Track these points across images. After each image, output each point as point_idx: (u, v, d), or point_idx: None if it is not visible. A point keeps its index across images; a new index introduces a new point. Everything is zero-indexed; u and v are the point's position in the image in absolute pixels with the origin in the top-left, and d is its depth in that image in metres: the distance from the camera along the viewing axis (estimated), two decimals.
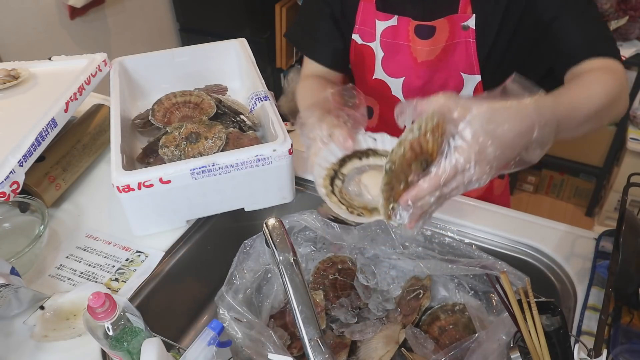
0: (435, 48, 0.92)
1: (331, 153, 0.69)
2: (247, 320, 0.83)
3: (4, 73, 1.13)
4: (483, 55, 0.93)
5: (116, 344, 0.70)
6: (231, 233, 1.07)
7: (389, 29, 0.94)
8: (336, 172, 0.69)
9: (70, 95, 1.04)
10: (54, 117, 0.99)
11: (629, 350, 0.74)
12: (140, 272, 0.92)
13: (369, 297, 0.97)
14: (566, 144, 2.46)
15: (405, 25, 0.93)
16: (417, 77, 0.96)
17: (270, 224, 0.70)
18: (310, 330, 0.61)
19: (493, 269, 0.87)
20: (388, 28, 0.95)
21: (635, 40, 2.17)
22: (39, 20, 2.09)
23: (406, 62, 0.96)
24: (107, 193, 1.08)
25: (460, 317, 0.92)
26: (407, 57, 0.95)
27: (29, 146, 0.93)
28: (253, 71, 1.13)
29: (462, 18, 0.90)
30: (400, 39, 0.94)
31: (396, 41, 0.95)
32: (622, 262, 0.76)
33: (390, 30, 0.95)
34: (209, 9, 2.66)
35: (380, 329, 0.92)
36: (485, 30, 0.90)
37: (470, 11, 0.90)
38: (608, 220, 2.46)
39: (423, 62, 0.94)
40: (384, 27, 0.95)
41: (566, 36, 0.85)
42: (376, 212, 0.66)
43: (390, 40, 0.95)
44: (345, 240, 0.96)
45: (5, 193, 0.87)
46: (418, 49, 0.93)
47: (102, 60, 1.14)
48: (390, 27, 0.94)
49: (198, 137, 1.00)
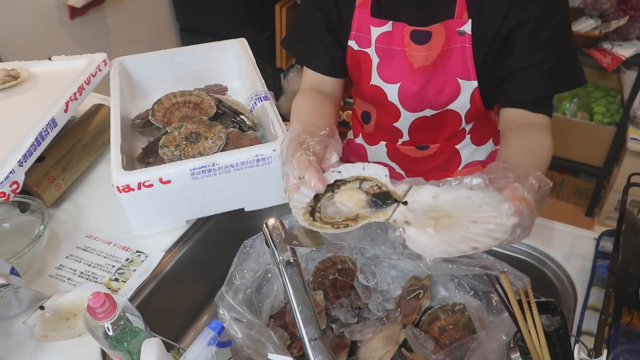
0: (431, 53, 0.92)
1: (303, 195, 0.71)
2: (247, 321, 0.83)
3: (4, 73, 1.14)
4: (480, 60, 0.92)
5: (116, 344, 0.70)
6: (231, 233, 1.07)
7: (384, 34, 0.94)
8: (313, 208, 0.71)
9: (70, 95, 1.04)
10: (53, 117, 0.99)
11: (629, 351, 0.74)
12: (140, 272, 0.92)
13: (369, 297, 0.97)
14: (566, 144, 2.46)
15: (400, 30, 0.93)
16: (413, 82, 0.96)
17: (270, 224, 0.70)
18: (310, 330, 0.61)
19: (493, 269, 0.87)
20: (383, 34, 0.94)
21: (635, 40, 2.17)
22: (39, 20, 2.09)
23: (402, 67, 0.95)
24: (107, 193, 1.08)
25: (461, 317, 0.92)
26: (403, 62, 0.95)
27: (29, 146, 0.93)
28: (253, 71, 1.13)
29: (458, 23, 0.90)
30: (395, 45, 0.94)
31: (391, 47, 0.94)
32: (622, 262, 0.76)
33: (385, 36, 0.94)
34: (209, 9, 2.66)
35: (380, 329, 0.92)
36: (482, 35, 0.90)
37: (466, 16, 0.89)
38: (608, 220, 2.46)
39: (419, 67, 0.94)
40: (378, 32, 0.94)
41: (523, 82, 0.90)
42: (360, 217, 0.67)
43: (385, 46, 0.95)
44: (346, 241, 0.96)
45: (5, 193, 0.87)
46: (414, 55, 0.93)
47: (102, 60, 1.14)
48: (385, 33, 0.94)
49: (198, 137, 1.00)
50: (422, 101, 0.98)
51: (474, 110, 1.00)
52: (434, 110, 0.99)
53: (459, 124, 1.03)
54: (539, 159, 0.81)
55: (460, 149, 1.11)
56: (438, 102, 0.98)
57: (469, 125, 1.06)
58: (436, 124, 1.04)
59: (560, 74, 0.90)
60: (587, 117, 2.43)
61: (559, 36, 0.88)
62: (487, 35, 0.90)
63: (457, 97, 0.97)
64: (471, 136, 1.09)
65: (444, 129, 1.05)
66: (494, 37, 0.90)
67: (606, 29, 2.13)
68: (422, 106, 0.99)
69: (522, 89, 0.91)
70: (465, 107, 0.99)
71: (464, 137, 1.09)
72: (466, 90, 0.96)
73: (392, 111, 1.02)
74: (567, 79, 0.91)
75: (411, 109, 1.00)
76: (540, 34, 0.87)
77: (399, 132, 1.07)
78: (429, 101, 0.98)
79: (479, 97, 0.97)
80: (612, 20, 2.14)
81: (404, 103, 1.00)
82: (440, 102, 0.98)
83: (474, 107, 0.99)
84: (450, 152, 1.11)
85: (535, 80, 0.89)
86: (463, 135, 1.09)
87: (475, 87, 0.95)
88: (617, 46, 2.16)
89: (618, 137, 2.32)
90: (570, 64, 0.91)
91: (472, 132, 1.09)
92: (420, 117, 1.01)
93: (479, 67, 0.93)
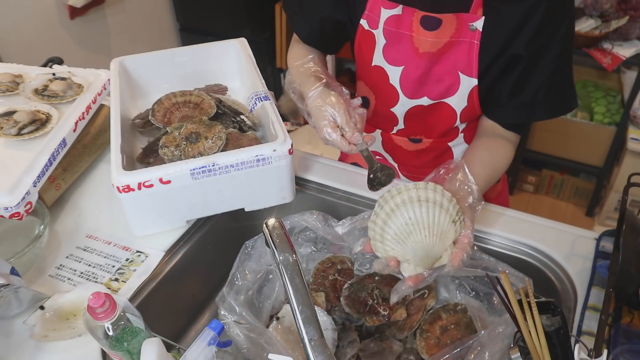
0: (438, 41, 0.93)
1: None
2: (247, 322, 0.83)
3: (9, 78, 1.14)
4: (484, 61, 0.93)
5: (116, 344, 0.70)
6: (231, 233, 1.07)
7: (393, 17, 0.95)
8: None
9: (78, 115, 1.06)
10: (64, 138, 1.01)
11: (630, 351, 0.74)
12: (140, 272, 0.92)
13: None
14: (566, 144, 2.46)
15: (410, 15, 0.94)
16: (416, 67, 0.97)
17: (270, 224, 0.70)
18: (310, 330, 0.61)
19: (494, 270, 0.87)
20: (392, 17, 0.95)
21: (635, 40, 2.17)
22: (39, 20, 2.09)
23: (407, 51, 0.96)
24: (107, 193, 1.08)
25: (462, 317, 0.92)
26: (409, 47, 0.96)
27: (42, 167, 0.95)
28: (253, 71, 1.13)
29: (471, 18, 0.90)
30: (403, 29, 0.95)
31: (399, 30, 0.96)
32: (623, 262, 0.76)
33: (393, 18, 0.95)
34: (209, 9, 2.66)
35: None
36: (492, 36, 0.91)
37: (480, 13, 0.90)
38: (608, 220, 2.46)
39: (424, 52, 0.95)
40: (388, 15, 0.95)
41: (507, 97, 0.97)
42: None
43: (393, 29, 0.96)
44: (346, 241, 0.96)
45: (19, 213, 0.89)
46: (421, 39, 0.94)
47: (107, 79, 1.15)
48: (394, 16, 0.95)
49: (198, 137, 1.00)
50: (422, 87, 0.99)
51: (470, 110, 1.01)
52: (431, 100, 1.00)
53: (454, 121, 1.04)
54: (494, 172, 0.97)
55: (453, 147, 1.12)
56: (436, 91, 0.99)
57: (462, 124, 1.07)
58: (431, 117, 1.04)
59: (551, 101, 0.96)
60: (587, 117, 2.43)
61: (558, 64, 0.93)
62: (497, 38, 0.90)
63: (455, 90, 0.98)
64: (464, 135, 1.10)
65: (438, 124, 1.06)
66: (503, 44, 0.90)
67: (606, 29, 2.14)
68: (420, 93, 1.00)
69: (503, 116, 1.00)
70: (462, 104, 1.00)
71: (457, 135, 1.10)
72: (465, 86, 0.96)
73: (390, 95, 1.03)
74: (557, 105, 0.97)
75: (410, 94, 1.01)
76: (539, 65, 0.92)
77: (394, 119, 1.08)
78: (428, 89, 0.99)
79: (476, 97, 0.98)
80: (612, 20, 2.14)
81: (404, 87, 1.00)
82: (439, 92, 0.99)
83: (470, 107, 1.00)
84: (442, 149, 1.12)
85: (520, 111, 0.97)
86: (456, 133, 1.09)
87: (475, 86, 0.96)
88: (617, 46, 2.16)
89: (618, 137, 2.32)
90: (564, 91, 0.96)
91: (466, 131, 1.09)
92: (417, 105, 1.02)
93: (482, 67, 0.94)
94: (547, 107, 0.96)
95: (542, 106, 0.95)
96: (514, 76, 0.94)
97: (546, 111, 0.96)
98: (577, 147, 2.46)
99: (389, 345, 0.92)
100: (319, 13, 1.04)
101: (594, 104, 2.45)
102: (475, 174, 0.88)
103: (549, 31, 0.88)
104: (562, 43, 0.90)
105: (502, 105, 0.98)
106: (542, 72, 0.92)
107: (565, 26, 0.89)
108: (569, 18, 0.89)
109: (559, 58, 0.92)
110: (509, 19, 0.89)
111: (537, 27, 0.88)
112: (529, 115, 0.97)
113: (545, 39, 0.89)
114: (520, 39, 0.90)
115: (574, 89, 0.97)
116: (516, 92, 0.95)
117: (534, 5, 0.87)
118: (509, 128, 1.00)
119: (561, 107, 0.97)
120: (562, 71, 0.94)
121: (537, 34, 0.88)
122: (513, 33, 0.90)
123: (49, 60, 1.26)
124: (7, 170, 0.92)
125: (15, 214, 0.88)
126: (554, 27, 0.88)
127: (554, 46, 0.90)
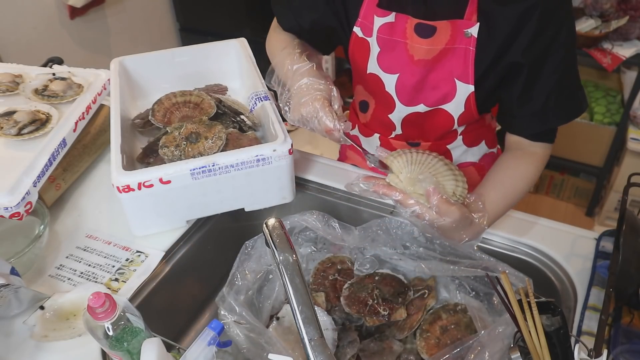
0: (433, 48, 0.92)
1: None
2: (247, 322, 0.83)
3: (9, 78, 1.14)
4: (480, 67, 0.92)
5: (116, 344, 0.70)
6: (231, 233, 1.07)
7: (386, 25, 0.95)
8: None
9: (78, 115, 1.06)
10: (64, 138, 1.01)
11: (630, 351, 0.74)
12: (140, 272, 0.92)
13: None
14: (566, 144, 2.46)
15: (403, 22, 0.93)
16: (411, 74, 0.96)
17: (270, 224, 0.70)
18: (310, 330, 0.61)
19: (494, 270, 0.87)
20: (385, 24, 0.95)
21: (635, 40, 2.17)
22: (39, 20, 2.09)
23: (402, 59, 0.96)
24: (107, 193, 1.08)
25: (462, 317, 0.92)
26: (403, 54, 0.95)
27: (42, 167, 0.95)
28: (253, 71, 1.13)
29: (466, 24, 0.90)
30: (397, 36, 0.95)
31: (392, 38, 0.95)
32: (623, 262, 0.76)
33: (387, 26, 0.95)
34: (209, 9, 2.66)
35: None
36: (487, 43, 0.90)
37: (475, 19, 0.89)
38: (608, 220, 2.46)
39: (419, 60, 0.94)
40: (380, 23, 0.95)
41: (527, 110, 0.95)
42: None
43: (386, 37, 0.95)
44: (346, 241, 0.96)
45: (19, 213, 0.89)
46: (415, 47, 0.93)
47: (107, 79, 1.14)
48: (387, 24, 0.95)
49: (198, 137, 1.00)
50: (418, 95, 0.99)
51: (467, 115, 1.00)
52: (428, 107, 1.00)
53: (451, 126, 1.03)
54: (511, 192, 0.94)
55: (452, 149, 1.11)
56: (432, 98, 0.98)
57: (461, 127, 1.07)
58: (429, 122, 1.04)
59: (562, 106, 0.94)
60: (587, 117, 2.43)
61: (563, 70, 0.91)
62: (492, 44, 0.90)
63: (452, 97, 0.97)
64: (463, 137, 1.10)
65: (435, 129, 1.06)
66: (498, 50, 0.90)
67: (606, 29, 2.13)
68: (417, 100, 1.00)
69: (519, 127, 0.98)
70: (459, 110, 0.99)
71: (455, 137, 1.09)
72: (462, 92, 0.96)
73: (387, 102, 1.03)
74: (569, 109, 0.95)
75: (406, 101, 1.00)
76: (543, 71, 0.91)
77: (392, 125, 1.07)
78: (424, 96, 0.99)
79: (474, 103, 0.97)
80: (612, 20, 2.14)
81: (400, 95, 1.00)
82: (435, 99, 0.98)
83: (468, 112, 0.99)
84: (441, 151, 1.11)
85: (533, 119, 0.95)
86: (455, 136, 1.09)
87: (471, 92, 0.95)
88: (617, 46, 2.16)
89: (618, 137, 2.32)
90: (573, 94, 0.94)
91: (464, 134, 1.09)
92: (413, 112, 1.02)
93: (478, 74, 0.93)
94: (559, 112, 0.94)
95: (555, 112, 0.94)
96: (519, 85, 0.92)
97: (560, 117, 0.94)
98: (577, 147, 2.46)
99: (389, 345, 0.92)
100: (310, 15, 1.03)
101: (594, 104, 2.45)
102: (485, 194, 0.90)
103: (547, 37, 0.87)
104: (565, 47, 0.89)
105: (515, 116, 0.96)
106: (549, 79, 0.91)
107: (566, 30, 0.88)
108: (568, 22, 0.88)
109: (564, 63, 0.90)
110: (503, 24, 0.88)
111: (533, 33, 0.87)
112: (543, 122, 0.95)
113: (544, 45, 0.88)
114: (516, 46, 0.89)
115: (583, 90, 0.96)
116: (525, 101, 0.93)
117: (527, 11, 0.86)
118: (533, 139, 0.98)
119: (573, 110, 0.95)
120: (568, 76, 0.93)
121: (534, 40, 0.87)
122: (508, 40, 0.89)
123: (49, 60, 1.26)
124: (7, 170, 0.92)
125: (15, 214, 0.88)
126: (552, 33, 0.87)
127: (556, 52, 0.89)
